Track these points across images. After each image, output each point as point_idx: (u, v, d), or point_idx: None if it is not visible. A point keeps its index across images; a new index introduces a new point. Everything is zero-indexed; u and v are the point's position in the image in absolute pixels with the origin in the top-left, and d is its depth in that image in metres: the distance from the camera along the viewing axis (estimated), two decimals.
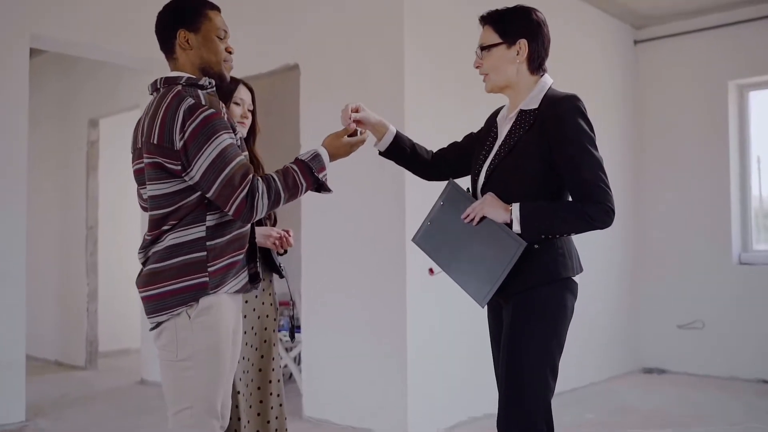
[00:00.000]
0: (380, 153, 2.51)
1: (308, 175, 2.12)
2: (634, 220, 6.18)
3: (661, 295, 6.15)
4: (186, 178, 2.02)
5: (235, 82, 2.82)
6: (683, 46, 6.15)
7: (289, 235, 2.82)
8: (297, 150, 4.64)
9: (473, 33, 2.40)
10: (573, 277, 2.22)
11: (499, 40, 2.26)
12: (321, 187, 2.17)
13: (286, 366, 5.45)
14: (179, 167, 2.00)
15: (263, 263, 2.80)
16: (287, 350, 5.41)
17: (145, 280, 2.08)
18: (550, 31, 2.31)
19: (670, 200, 6.16)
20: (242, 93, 2.82)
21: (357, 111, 2.35)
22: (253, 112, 2.90)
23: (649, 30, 6.33)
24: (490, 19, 2.30)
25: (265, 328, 2.85)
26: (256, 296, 2.81)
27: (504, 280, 2.13)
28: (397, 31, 4.26)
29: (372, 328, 4.33)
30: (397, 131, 2.48)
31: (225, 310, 2.10)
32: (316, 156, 2.16)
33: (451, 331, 4.38)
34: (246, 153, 2.17)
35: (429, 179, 2.60)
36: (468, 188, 2.34)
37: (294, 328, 3.32)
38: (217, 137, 1.99)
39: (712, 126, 5.97)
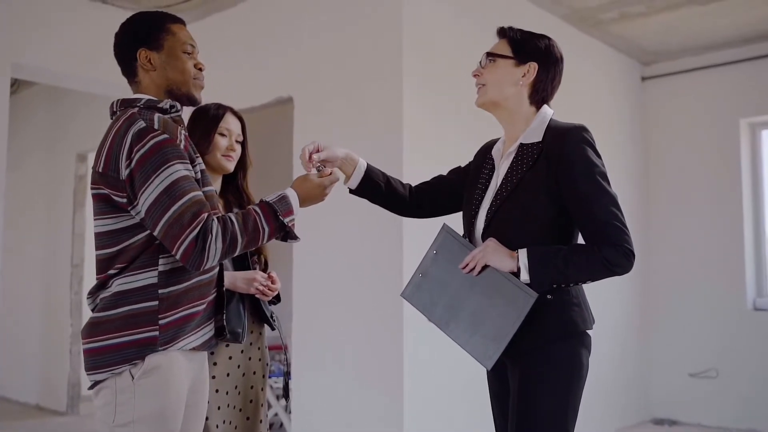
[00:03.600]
0: (351, 191, 2.24)
1: (272, 220, 1.84)
2: (643, 262, 5.92)
3: (673, 342, 5.88)
4: (132, 213, 1.75)
5: (223, 109, 2.57)
6: (693, 83, 5.96)
7: (272, 281, 2.53)
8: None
9: (473, 63, 2.18)
10: (588, 331, 1.97)
11: (510, 54, 2.05)
12: (287, 234, 1.90)
13: (276, 415, 5.21)
14: (125, 200, 1.74)
15: (252, 313, 2.52)
16: (277, 398, 5.15)
17: (87, 331, 1.80)
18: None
19: (680, 243, 5.92)
20: (230, 122, 2.55)
21: (318, 151, 2.07)
22: (244, 145, 2.62)
23: (658, 66, 6.15)
24: (508, 34, 2.09)
25: (252, 387, 2.55)
26: (242, 351, 2.52)
27: (512, 337, 1.86)
28: (395, 62, 4.08)
29: (366, 377, 4.08)
30: (368, 165, 2.21)
31: (177, 371, 1.80)
32: (283, 198, 1.89)
33: (449, 380, 4.12)
34: (212, 187, 1.90)
35: (408, 216, 2.33)
36: (463, 233, 2.08)
37: (288, 384, 3.04)
38: (167, 167, 1.72)
39: (724, 166, 5.76)
